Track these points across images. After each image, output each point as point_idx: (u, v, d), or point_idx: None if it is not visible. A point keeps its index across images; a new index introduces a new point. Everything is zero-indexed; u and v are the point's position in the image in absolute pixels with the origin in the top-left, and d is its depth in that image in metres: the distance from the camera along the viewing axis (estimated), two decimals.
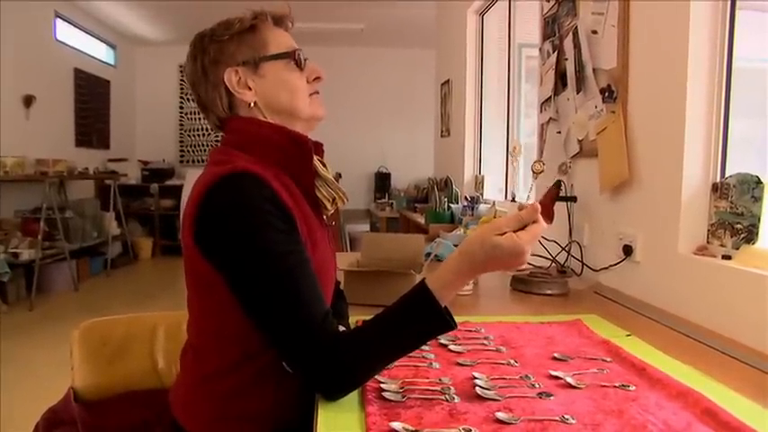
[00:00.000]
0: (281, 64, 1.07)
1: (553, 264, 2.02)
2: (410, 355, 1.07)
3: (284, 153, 1.03)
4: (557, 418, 0.82)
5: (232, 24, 1.06)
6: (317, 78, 1.12)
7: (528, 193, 1.08)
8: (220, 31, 1.06)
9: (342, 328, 0.95)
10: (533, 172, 1.09)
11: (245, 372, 1.02)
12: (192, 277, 1.03)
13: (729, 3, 1.45)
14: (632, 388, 0.94)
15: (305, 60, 1.10)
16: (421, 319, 0.90)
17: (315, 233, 1.03)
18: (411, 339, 0.92)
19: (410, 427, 0.79)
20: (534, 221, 0.88)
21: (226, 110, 1.08)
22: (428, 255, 1.80)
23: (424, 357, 1.08)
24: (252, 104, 1.06)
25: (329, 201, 1.09)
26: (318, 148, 1.15)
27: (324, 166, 1.11)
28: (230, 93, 1.06)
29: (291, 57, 1.08)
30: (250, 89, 1.06)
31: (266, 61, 1.06)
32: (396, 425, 0.80)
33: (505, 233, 0.87)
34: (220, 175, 0.94)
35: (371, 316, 0.93)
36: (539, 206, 0.88)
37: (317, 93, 1.12)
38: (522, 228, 0.87)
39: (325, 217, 1.13)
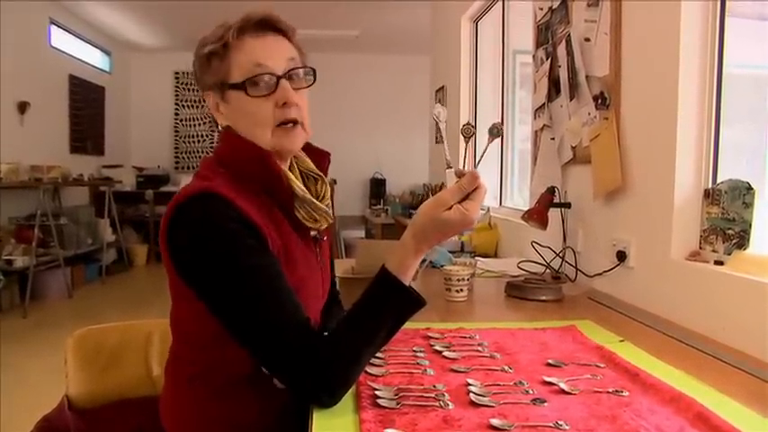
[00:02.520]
0: (242, 92, 1.01)
1: (547, 270, 2.03)
2: (404, 361, 1.09)
3: (256, 174, 1.02)
4: (550, 425, 0.82)
5: (206, 42, 1.03)
6: (283, 104, 1.02)
7: (462, 159, 1.08)
8: (198, 50, 1.05)
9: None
10: (463, 136, 1.08)
11: (218, 379, 1.02)
12: (171, 286, 1.04)
13: (719, 10, 1.47)
14: (625, 393, 0.94)
15: (278, 81, 1.01)
16: (390, 301, 0.93)
17: (293, 251, 1.02)
18: (386, 324, 0.94)
19: None
20: (476, 188, 0.92)
21: (213, 122, 1.11)
22: (423, 261, 1.81)
23: (418, 364, 1.08)
24: (224, 126, 1.07)
25: (309, 221, 1.06)
26: (323, 159, 1.15)
27: (323, 179, 1.12)
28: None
29: (242, 87, 1.00)
30: (222, 112, 1.07)
31: (228, 89, 1.03)
32: None
33: (452, 206, 0.91)
34: (187, 195, 0.95)
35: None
36: (477, 173, 0.92)
37: (288, 123, 1.03)
38: (466, 196, 0.92)
39: (315, 233, 1.12)
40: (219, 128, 1.09)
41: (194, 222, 0.93)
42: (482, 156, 1.06)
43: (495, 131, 1.03)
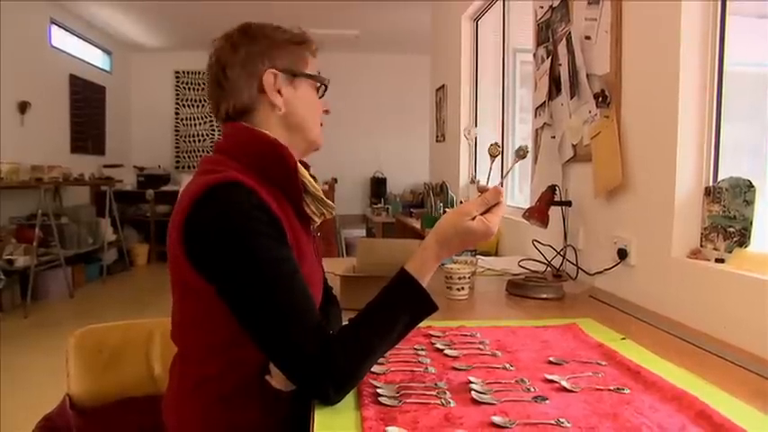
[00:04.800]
0: (312, 86, 1.12)
1: (548, 268, 2.03)
2: (406, 359, 1.09)
3: (271, 167, 1.03)
4: (552, 422, 0.82)
5: (285, 30, 1.10)
6: (326, 111, 1.17)
7: (487, 175, 1.13)
8: (272, 32, 1.09)
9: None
10: (490, 155, 1.14)
11: (224, 385, 1.02)
12: (179, 287, 1.03)
13: (720, 8, 1.46)
14: (627, 391, 0.95)
15: (325, 90, 1.15)
16: (408, 302, 0.95)
17: (301, 245, 1.04)
18: (400, 324, 0.94)
19: None
20: (497, 203, 0.98)
21: (246, 102, 1.06)
22: None
23: (419, 362, 1.08)
24: (279, 110, 1.07)
25: (317, 215, 1.11)
26: (306, 168, 1.17)
27: (314, 179, 1.13)
28: (261, 90, 1.06)
29: (322, 83, 1.13)
30: (281, 95, 1.07)
31: (303, 77, 1.10)
32: (392, 429, 0.80)
33: (475, 217, 0.97)
34: (207, 185, 0.94)
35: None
36: (501, 189, 0.98)
37: (321, 125, 1.16)
38: (488, 209, 0.98)
39: (312, 227, 1.14)
40: (218, 121, 1.11)
41: (217, 212, 0.93)
42: (507, 173, 1.09)
43: (521, 153, 1.08)
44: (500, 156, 1.15)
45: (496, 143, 1.17)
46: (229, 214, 0.93)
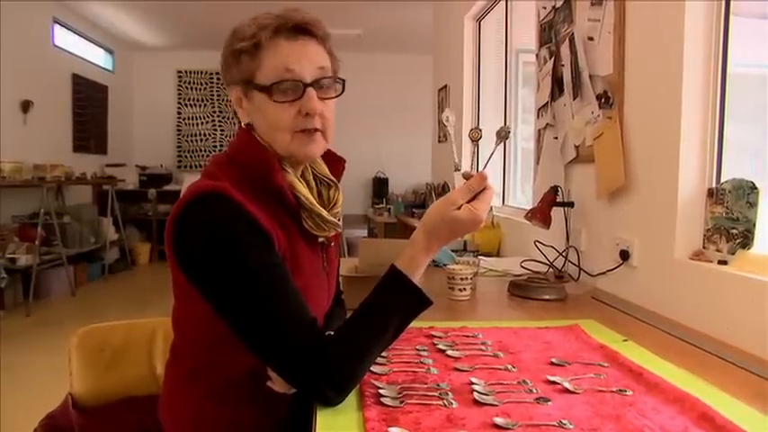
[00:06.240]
0: (266, 95, 0.99)
1: (550, 269, 2.03)
2: (408, 360, 1.09)
3: (260, 179, 1.01)
4: (554, 423, 0.82)
5: (238, 37, 1.01)
6: (309, 114, 1.00)
7: (471, 161, 1.11)
8: (231, 42, 1.02)
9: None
10: (471, 139, 1.11)
11: (217, 379, 1.03)
12: (174, 283, 1.04)
13: (724, 9, 1.46)
14: (629, 393, 0.94)
15: (304, 89, 0.99)
16: (398, 299, 0.94)
17: (300, 259, 1.02)
18: (394, 323, 0.94)
19: None
20: (483, 189, 0.95)
21: (233, 116, 1.09)
22: None
23: (422, 363, 1.08)
24: (246, 123, 1.06)
25: (316, 230, 1.05)
26: (338, 165, 1.17)
27: (337, 186, 1.13)
28: None
29: (268, 91, 0.98)
30: (243, 109, 1.05)
31: (253, 89, 1.01)
32: (394, 430, 0.80)
33: (461, 206, 0.94)
34: (193, 193, 0.94)
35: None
36: (486, 174, 0.95)
37: (308, 130, 1.01)
38: (474, 196, 0.94)
39: (323, 239, 1.10)
40: (236, 125, 1.09)
41: (200, 222, 0.93)
42: (490, 158, 1.06)
43: (504, 134, 1.05)
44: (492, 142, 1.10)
45: (477, 127, 1.13)
46: (210, 227, 0.92)
